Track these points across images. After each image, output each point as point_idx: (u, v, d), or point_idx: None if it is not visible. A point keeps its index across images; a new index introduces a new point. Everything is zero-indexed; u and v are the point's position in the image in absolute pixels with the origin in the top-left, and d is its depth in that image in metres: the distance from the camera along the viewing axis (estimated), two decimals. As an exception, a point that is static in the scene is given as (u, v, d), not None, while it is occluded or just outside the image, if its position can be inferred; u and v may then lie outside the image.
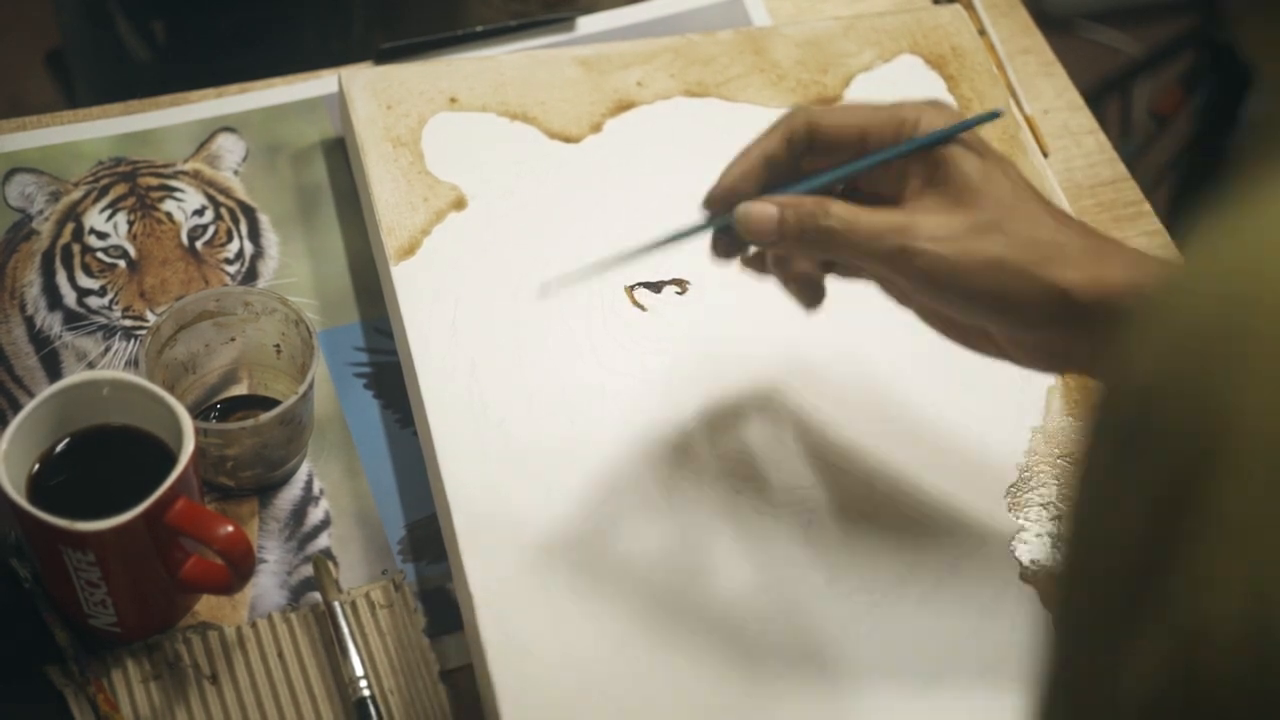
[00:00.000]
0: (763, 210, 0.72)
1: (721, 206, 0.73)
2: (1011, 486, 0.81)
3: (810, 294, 0.74)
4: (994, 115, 0.73)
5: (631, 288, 0.87)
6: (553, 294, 0.76)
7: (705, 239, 0.74)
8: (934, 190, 0.70)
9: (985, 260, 0.68)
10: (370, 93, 0.92)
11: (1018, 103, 0.97)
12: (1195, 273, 0.36)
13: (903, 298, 0.73)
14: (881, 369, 0.84)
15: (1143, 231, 0.95)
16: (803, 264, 0.74)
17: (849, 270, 0.75)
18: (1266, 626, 0.32)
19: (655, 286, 0.87)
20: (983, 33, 1.00)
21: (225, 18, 1.20)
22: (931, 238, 0.68)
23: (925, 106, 0.73)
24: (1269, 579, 0.32)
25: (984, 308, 0.70)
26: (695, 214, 0.89)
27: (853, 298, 0.86)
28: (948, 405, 0.83)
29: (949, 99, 0.96)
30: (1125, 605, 0.35)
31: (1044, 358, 0.72)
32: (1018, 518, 0.80)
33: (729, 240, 0.75)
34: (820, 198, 0.72)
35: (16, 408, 0.83)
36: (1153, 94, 1.82)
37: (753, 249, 0.76)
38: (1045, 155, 0.95)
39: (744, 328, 0.85)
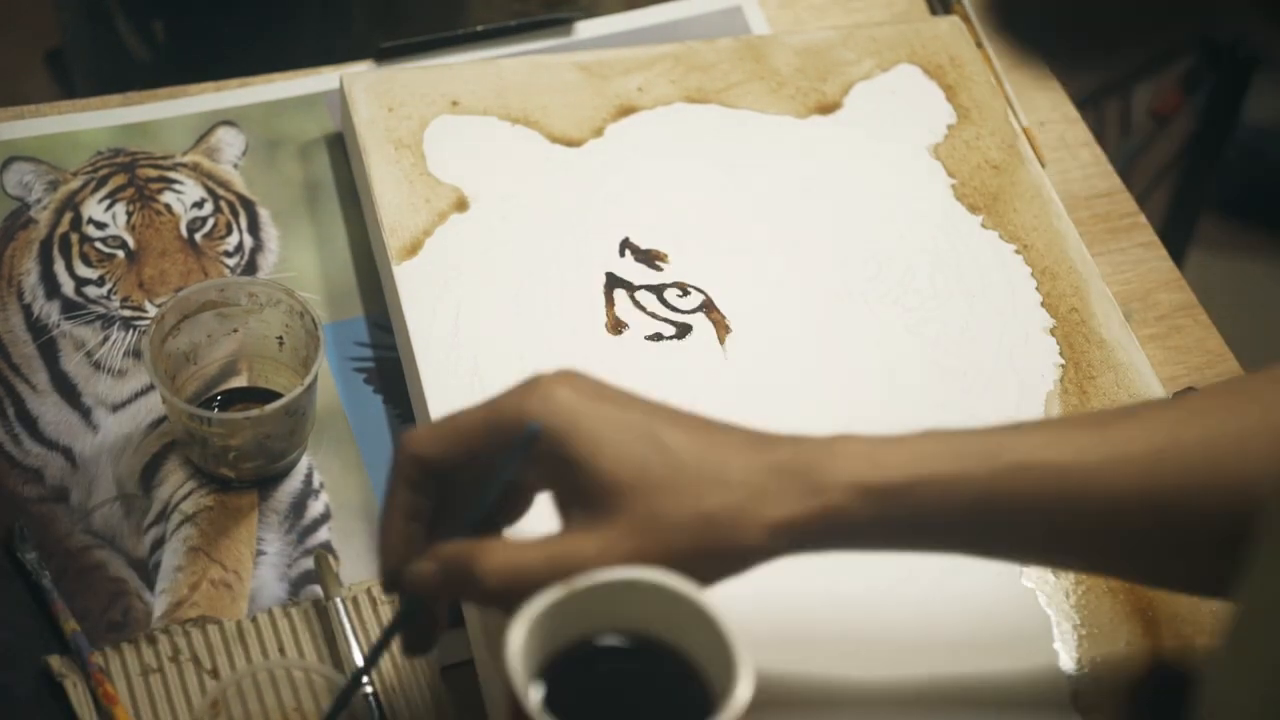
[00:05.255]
0: (421, 570, 0.64)
1: (404, 583, 0.65)
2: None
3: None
4: (529, 436, 0.64)
5: (634, 290, 0.87)
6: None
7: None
8: (577, 502, 0.65)
9: (647, 564, 0.63)
10: (372, 95, 0.92)
11: (1015, 114, 0.98)
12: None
13: None
14: (881, 377, 0.85)
15: (1137, 243, 0.96)
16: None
17: None
18: None
19: (658, 290, 0.87)
20: (980, 45, 1.01)
21: (225, 17, 1.20)
22: (588, 567, 0.63)
23: (518, 395, 0.66)
24: None
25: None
26: (696, 220, 0.90)
27: (850, 307, 0.87)
28: (946, 413, 0.83)
29: (948, 108, 0.96)
30: None
31: None
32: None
33: (421, 627, 0.67)
34: (474, 549, 0.64)
35: (14, 395, 0.83)
36: (1153, 94, 1.81)
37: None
38: (1043, 165, 0.95)
39: (745, 333, 0.86)
